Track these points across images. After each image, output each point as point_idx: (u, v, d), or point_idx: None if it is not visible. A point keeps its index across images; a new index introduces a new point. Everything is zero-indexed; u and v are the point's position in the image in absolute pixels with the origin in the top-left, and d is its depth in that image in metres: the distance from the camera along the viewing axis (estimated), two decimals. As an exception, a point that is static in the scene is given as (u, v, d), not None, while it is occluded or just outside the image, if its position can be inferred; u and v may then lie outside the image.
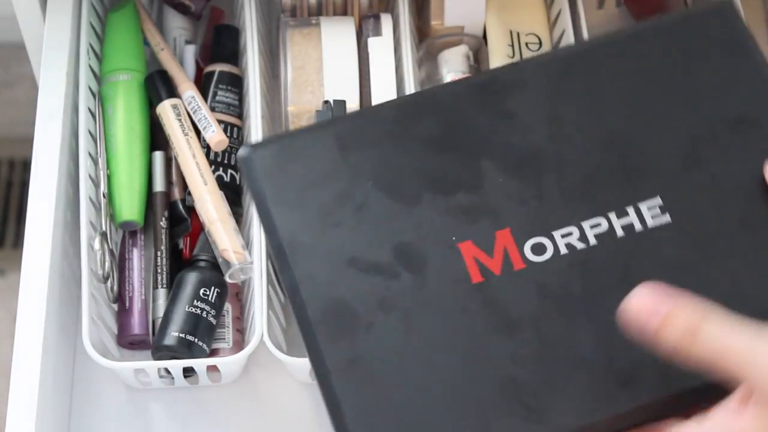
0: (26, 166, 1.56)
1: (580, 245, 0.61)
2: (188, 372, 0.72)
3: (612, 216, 0.61)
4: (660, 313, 0.52)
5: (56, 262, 0.70)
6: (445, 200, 0.62)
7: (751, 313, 0.55)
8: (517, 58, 0.80)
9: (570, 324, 0.58)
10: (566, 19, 0.81)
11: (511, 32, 0.81)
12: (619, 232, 0.61)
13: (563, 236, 0.61)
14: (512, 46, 0.81)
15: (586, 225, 0.61)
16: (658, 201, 0.60)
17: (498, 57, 0.80)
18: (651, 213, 0.61)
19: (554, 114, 0.64)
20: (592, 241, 0.61)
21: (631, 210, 0.61)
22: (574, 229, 0.61)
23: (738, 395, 0.52)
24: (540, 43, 0.81)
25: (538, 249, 0.61)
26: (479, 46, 0.83)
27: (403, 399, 0.57)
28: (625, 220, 0.61)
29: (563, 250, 0.61)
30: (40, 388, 0.66)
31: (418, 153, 0.63)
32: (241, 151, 0.63)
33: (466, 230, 0.61)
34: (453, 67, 0.80)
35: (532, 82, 0.65)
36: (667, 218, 0.60)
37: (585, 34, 0.82)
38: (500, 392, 0.57)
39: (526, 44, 0.81)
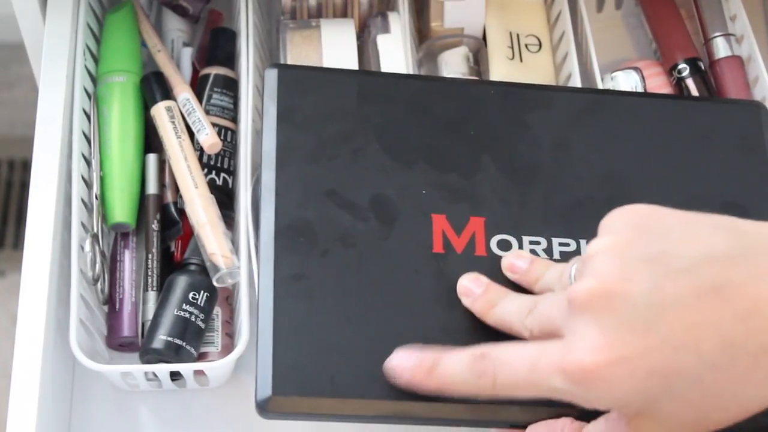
0: (26, 166, 1.57)
1: (543, 255, 0.64)
2: (176, 375, 0.71)
3: (582, 242, 0.64)
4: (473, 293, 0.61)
5: (56, 263, 0.70)
6: (437, 174, 0.65)
7: None
8: (516, 59, 0.80)
9: None
10: (566, 20, 0.81)
11: (510, 33, 0.81)
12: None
13: (531, 242, 0.64)
14: (512, 47, 0.81)
15: (555, 241, 0.64)
16: None
17: (498, 58, 0.80)
18: None
19: (565, 140, 0.67)
20: (556, 255, 0.64)
21: None
22: (543, 241, 0.64)
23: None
24: (540, 45, 0.81)
25: (504, 245, 0.64)
26: (479, 48, 0.83)
27: (331, 326, 0.60)
28: None
29: None
30: (40, 388, 0.66)
31: (429, 127, 0.67)
32: (268, 69, 0.67)
33: (445, 205, 0.64)
34: (453, 68, 0.80)
35: (558, 107, 0.68)
36: None
37: (585, 36, 0.82)
38: None
39: (526, 45, 0.81)
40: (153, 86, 0.78)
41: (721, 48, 0.82)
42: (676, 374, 0.49)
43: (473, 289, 0.61)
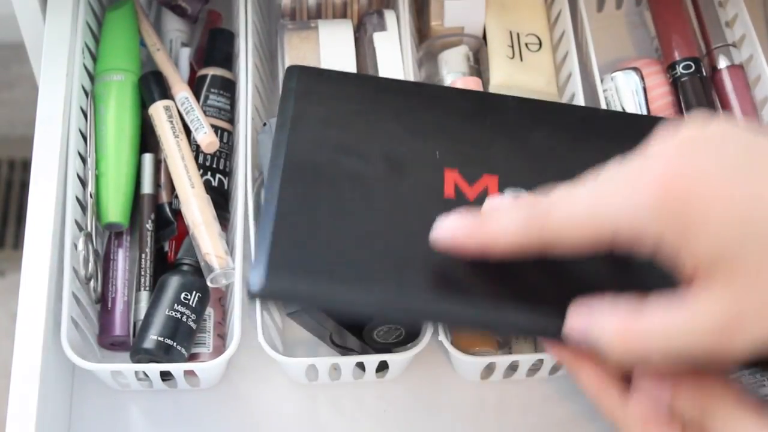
0: (26, 166, 1.56)
1: None
2: (167, 376, 0.71)
3: None
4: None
5: (56, 263, 0.70)
6: (452, 145, 0.67)
7: None
8: (517, 58, 0.80)
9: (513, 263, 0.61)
10: (566, 20, 0.81)
11: (510, 33, 0.81)
12: None
13: None
14: (512, 46, 0.81)
15: None
16: None
17: (498, 57, 0.80)
18: None
19: (584, 135, 0.69)
20: None
21: None
22: None
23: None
24: (540, 44, 0.81)
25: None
26: (479, 47, 0.83)
27: (332, 239, 0.61)
28: None
29: None
30: (40, 387, 0.66)
31: (446, 113, 0.68)
32: (289, 67, 0.69)
33: (458, 163, 0.65)
34: (453, 67, 0.80)
35: (576, 116, 0.70)
36: None
37: (586, 36, 0.82)
38: (427, 275, 0.60)
39: (526, 45, 0.81)
40: (151, 85, 0.78)
41: (723, 59, 0.82)
42: None
43: (459, 226, 0.57)
